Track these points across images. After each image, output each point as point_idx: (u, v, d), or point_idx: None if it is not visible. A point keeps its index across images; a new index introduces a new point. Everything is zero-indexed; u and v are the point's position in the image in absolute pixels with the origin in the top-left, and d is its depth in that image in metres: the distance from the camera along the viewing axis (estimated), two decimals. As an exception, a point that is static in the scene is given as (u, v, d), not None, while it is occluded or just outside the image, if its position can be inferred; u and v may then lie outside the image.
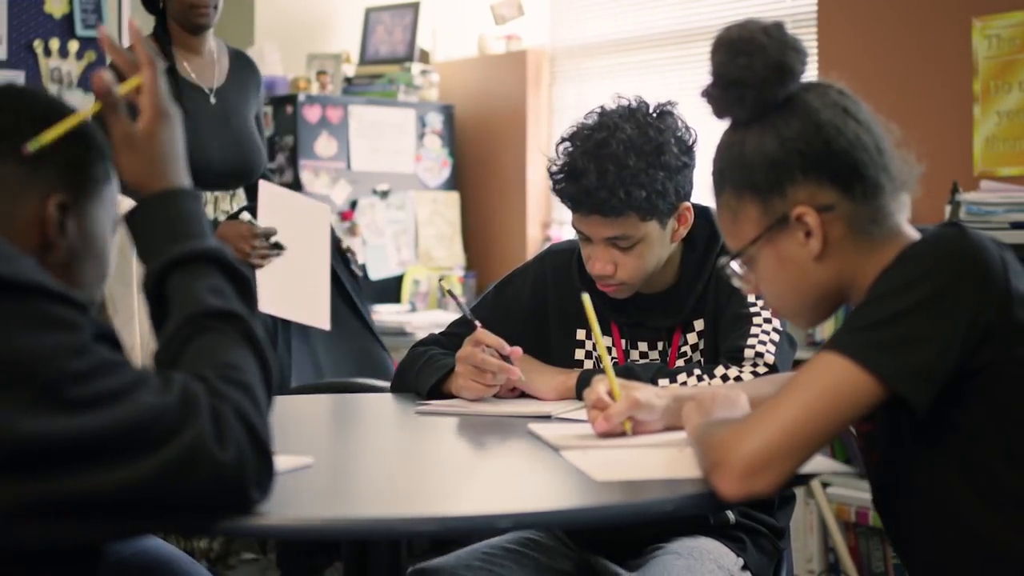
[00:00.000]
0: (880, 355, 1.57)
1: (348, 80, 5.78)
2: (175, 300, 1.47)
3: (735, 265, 1.80)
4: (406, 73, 5.74)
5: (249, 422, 1.38)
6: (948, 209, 4.03)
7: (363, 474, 1.80)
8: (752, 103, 1.73)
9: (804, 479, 1.72)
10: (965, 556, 1.64)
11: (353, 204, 5.51)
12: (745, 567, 2.34)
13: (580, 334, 2.55)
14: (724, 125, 1.81)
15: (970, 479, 1.62)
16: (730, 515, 2.37)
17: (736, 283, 1.83)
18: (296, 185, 5.40)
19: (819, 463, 1.75)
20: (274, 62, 5.61)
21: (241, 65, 4.02)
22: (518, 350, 2.43)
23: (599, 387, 2.03)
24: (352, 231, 5.48)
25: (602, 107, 2.43)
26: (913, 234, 1.73)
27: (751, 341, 2.34)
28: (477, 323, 2.48)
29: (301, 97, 5.40)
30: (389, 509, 1.55)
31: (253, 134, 3.92)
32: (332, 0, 6.00)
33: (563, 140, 2.42)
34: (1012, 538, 1.61)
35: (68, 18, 5.34)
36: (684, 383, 2.31)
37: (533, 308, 2.60)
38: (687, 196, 2.40)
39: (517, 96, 5.74)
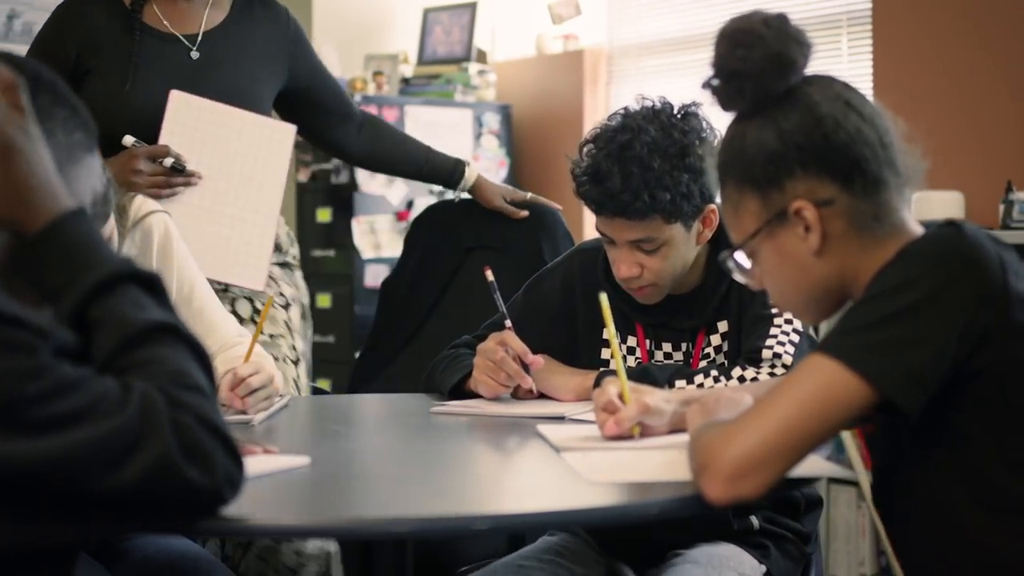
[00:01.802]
0: (870, 358, 1.54)
1: (406, 80, 5.79)
2: (99, 327, 1.41)
3: (740, 259, 1.78)
4: (463, 73, 5.74)
5: (212, 423, 1.37)
6: (1002, 208, 3.97)
7: (357, 475, 1.80)
8: (751, 95, 1.70)
9: (798, 483, 1.69)
10: (962, 561, 1.60)
11: (409, 204, 5.51)
12: (768, 574, 2.32)
13: (607, 333, 2.53)
14: None
15: (968, 484, 1.59)
16: (754, 521, 2.34)
17: (738, 278, 1.81)
18: (352, 185, 5.41)
19: (816, 467, 1.73)
20: (332, 63, 5.63)
21: (250, 5, 3.19)
22: (539, 360, 2.42)
23: (610, 389, 2.02)
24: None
25: (626, 108, 2.41)
26: (917, 230, 1.69)
27: (769, 342, 2.31)
28: (508, 323, 2.47)
29: (357, 98, 5.41)
30: (372, 510, 1.55)
31: (251, 93, 3.11)
32: (390, 1, 6.01)
33: (587, 142, 2.41)
34: (1011, 545, 1.57)
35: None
36: (701, 384, 2.29)
37: (562, 306, 2.58)
38: (712, 198, 2.38)
39: (575, 96, 5.72)
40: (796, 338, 2.32)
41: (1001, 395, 1.56)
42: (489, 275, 2.50)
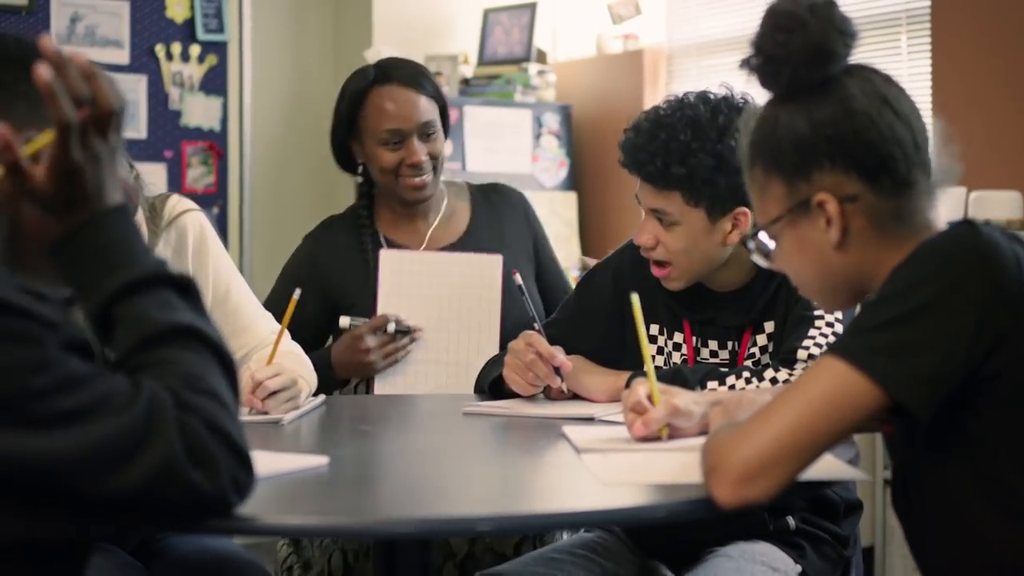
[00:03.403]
0: (879, 360, 1.51)
1: (466, 81, 5.79)
2: (123, 325, 1.41)
3: (763, 239, 1.76)
4: (523, 74, 5.73)
5: (222, 429, 1.36)
6: (1059, 210, 3.91)
7: (372, 475, 1.80)
8: (787, 81, 1.68)
9: (815, 486, 1.67)
10: (977, 563, 1.58)
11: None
12: (804, 574, 2.29)
13: (654, 328, 2.52)
14: None
15: (984, 488, 1.56)
16: (790, 521, 2.33)
17: (757, 260, 1.80)
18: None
19: (835, 470, 1.71)
20: (391, 64, 5.64)
21: (489, 220, 3.12)
22: (568, 363, 2.41)
23: (639, 390, 2.01)
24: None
25: (693, 92, 2.41)
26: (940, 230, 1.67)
27: (806, 343, 2.29)
28: (537, 326, 2.47)
29: (417, 98, 5.42)
30: (377, 510, 1.55)
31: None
32: (450, 1, 6.02)
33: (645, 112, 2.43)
34: (1027, 549, 1.54)
35: (189, 23, 5.46)
36: (732, 386, 2.27)
37: (614, 301, 2.58)
38: (746, 201, 2.35)
39: (635, 95, 5.68)
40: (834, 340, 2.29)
41: (1018, 398, 1.53)
42: (518, 279, 2.51)
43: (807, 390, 1.54)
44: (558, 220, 5.77)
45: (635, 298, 2.06)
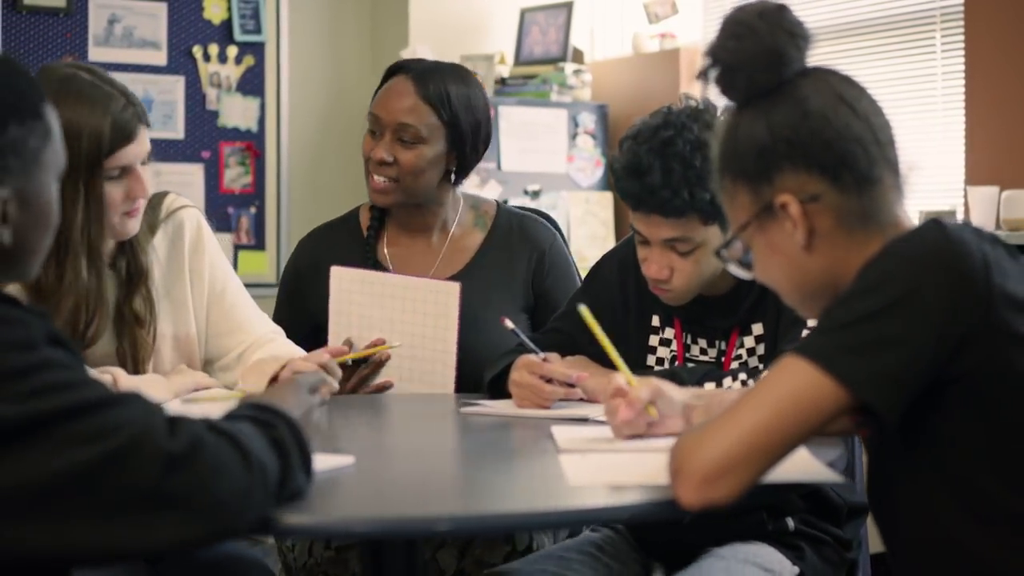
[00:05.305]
0: (843, 359, 1.50)
1: (502, 81, 5.80)
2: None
3: (737, 248, 1.76)
4: (559, 73, 5.72)
5: (223, 430, 1.39)
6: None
7: (346, 474, 1.79)
8: (743, 88, 1.69)
9: (791, 489, 1.65)
10: (950, 567, 1.57)
11: (504, 203, 5.52)
12: (802, 575, 2.28)
13: (655, 320, 2.52)
14: None
15: (956, 491, 1.55)
16: (789, 523, 2.32)
17: (732, 270, 1.80)
18: (445, 184, 5.43)
19: (809, 470, 1.69)
20: (427, 64, 5.66)
21: (493, 261, 2.95)
22: (584, 375, 2.40)
23: (617, 378, 2.00)
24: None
25: (669, 107, 2.38)
26: (910, 228, 1.65)
27: (800, 346, 2.27)
28: (540, 354, 2.45)
29: (452, 98, 5.43)
30: (340, 510, 1.55)
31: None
32: (487, 1, 6.03)
33: (627, 138, 2.38)
34: (1000, 555, 1.53)
35: (227, 24, 5.51)
36: (729, 387, 2.25)
37: (620, 292, 2.58)
38: None
39: (671, 95, 5.61)
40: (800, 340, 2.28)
41: (987, 399, 1.52)
42: (508, 324, 2.46)
43: (772, 390, 1.53)
44: (594, 220, 5.76)
45: (583, 310, 2.07)
